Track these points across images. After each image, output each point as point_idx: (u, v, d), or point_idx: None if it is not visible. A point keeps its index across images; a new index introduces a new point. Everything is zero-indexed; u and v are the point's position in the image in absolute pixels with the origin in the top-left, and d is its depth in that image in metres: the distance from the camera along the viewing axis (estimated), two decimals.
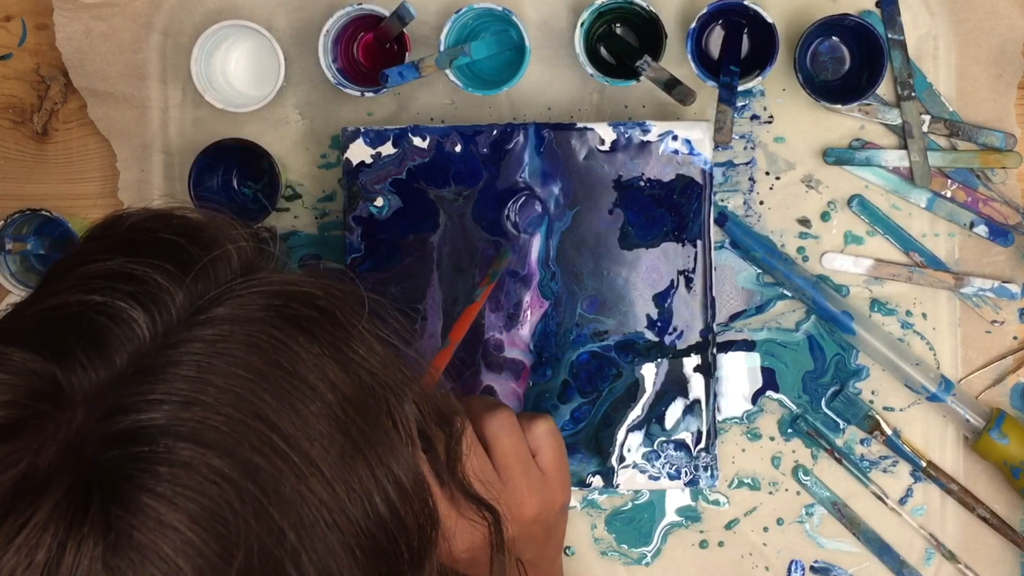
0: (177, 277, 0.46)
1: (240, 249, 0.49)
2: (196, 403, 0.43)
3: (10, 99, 0.90)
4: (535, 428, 0.67)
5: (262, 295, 0.47)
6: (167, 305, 0.45)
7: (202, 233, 0.49)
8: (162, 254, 0.47)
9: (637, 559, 0.87)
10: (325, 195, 0.87)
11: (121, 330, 0.44)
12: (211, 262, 0.47)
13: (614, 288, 0.82)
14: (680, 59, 0.83)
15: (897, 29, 0.84)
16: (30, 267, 0.87)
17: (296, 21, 0.87)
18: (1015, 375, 0.86)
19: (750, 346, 0.86)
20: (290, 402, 0.45)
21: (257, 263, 0.50)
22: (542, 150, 0.81)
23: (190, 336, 0.45)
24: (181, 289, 0.46)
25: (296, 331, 0.47)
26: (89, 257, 0.47)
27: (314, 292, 0.49)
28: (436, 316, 0.81)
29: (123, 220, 0.51)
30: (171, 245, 0.48)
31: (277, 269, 0.50)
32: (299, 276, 0.50)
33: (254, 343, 0.45)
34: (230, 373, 0.44)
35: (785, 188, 0.86)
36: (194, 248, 0.48)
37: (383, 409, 0.49)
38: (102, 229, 0.51)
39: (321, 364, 0.47)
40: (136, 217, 0.51)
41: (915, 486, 0.86)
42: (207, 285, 0.47)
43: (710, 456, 0.82)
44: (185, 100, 0.87)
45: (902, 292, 0.86)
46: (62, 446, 0.41)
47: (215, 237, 0.49)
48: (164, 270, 0.46)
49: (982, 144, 0.85)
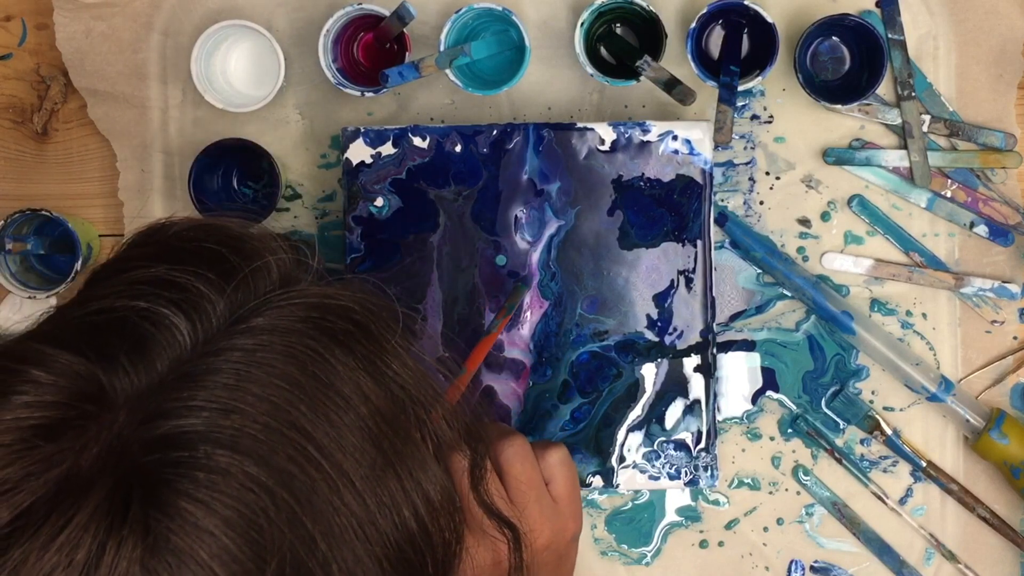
0: (219, 286, 0.47)
1: (280, 261, 0.50)
2: (234, 411, 0.44)
3: (10, 99, 0.90)
4: (549, 457, 0.67)
5: (300, 307, 0.48)
6: (208, 313, 0.46)
7: (244, 244, 0.50)
8: (205, 263, 0.48)
9: (637, 559, 0.87)
10: (325, 195, 0.87)
11: (163, 336, 0.45)
12: (252, 273, 0.48)
13: (614, 288, 0.82)
14: (680, 59, 0.83)
15: (897, 29, 0.84)
16: (30, 267, 0.87)
17: (296, 21, 0.87)
18: (1015, 375, 0.86)
19: (750, 346, 0.86)
20: (325, 413, 0.46)
21: (295, 275, 0.51)
22: (542, 150, 0.81)
23: (230, 345, 0.45)
24: (222, 298, 0.47)
25: (332, 343, 0.48)
26: (133, 263, 0.48)
27: (351, 306, 0.50)
28: (436, 316, 0.81)
29: (167, 228, 0.52)
30: (213, 255, 0.49)
31: (315, 281, 0.51)
32: (336, 289, 0.50)
33: (291, 354, 0.46)
34: (268, 382, 0.45)
35: (785, 188, 0.86)
36: (236, 258, 0.49)
37: (414, 424, 0.50)
38: (146, 236, 0.52)
39: (356, 377, 0.48)
40: (180, 226, 0.52)
41: (915, 486, 0.86)
42: (247, 295, 0.48)
43: (710, 456, 0.82)
44: (185, 100, 0.87)
45: (902, 292, 0.86)
46: (104, 448, 0.42)
47: (256, 248, 0.50)
48: (206, 279, 0.47)
49: (982, 144, 0.85)
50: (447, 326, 0.81)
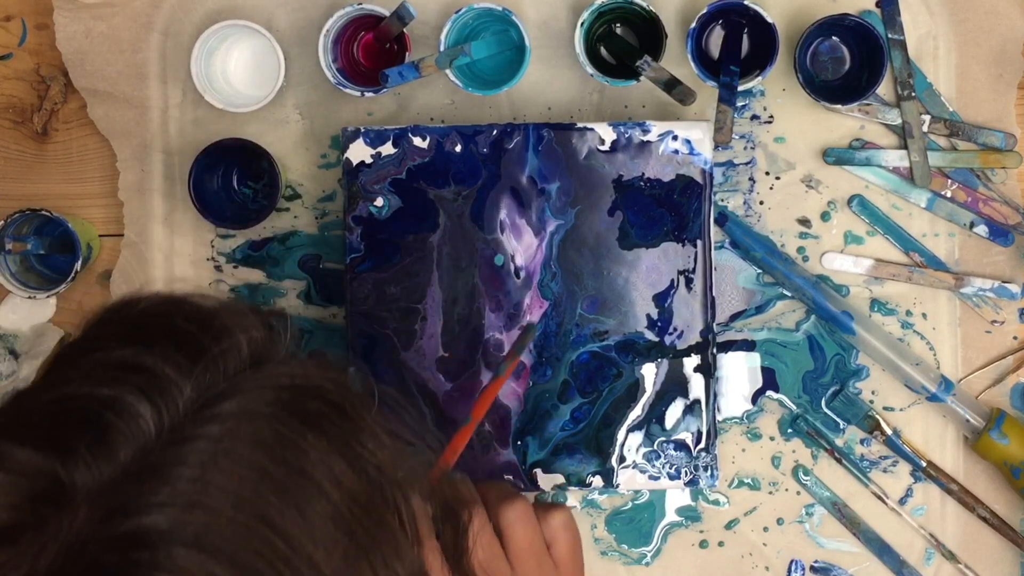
0: (187, 369, 0.45)
1: (251, 338, 0.48)
2: (199, 506, 0.42)
3: (10, 99, 0.90)
4: (551, 519, 0.67)
5: (271, 390, 0.46)
6: (175, 398, 0.44)
7: (214, 321, 0.48)
8: (173, 343, 0.46)
9: (637, 559, 0.87)
10: (325, 195, 0.87)
11: (127, 426, 0.43)
12: (221, 353, 0.46)
13: (614, 288, 0.82)
14: (680, 59, 0.83)
15: (897, 29, 0.84)
16: (30, 267, 0.87)
17: (296, 21, 0.87)
18: (1015, 375, 0.86)
19: (750, 346, 0.86)
20: (295, 502, 0.44)
21: (267, 350, 0.49)
22: (541, 150, 0.81)
23: (196, 433, 0.44)
24: (190, 381, 0.45)
25: (304, 427, 0.46)
26: (100, 343, 0.47)
27: (324, 385, 0.48)
28: (436, 316, 0.81)
29: (135, 304, 0.50)
30: (182, 333, 0.47)
31: (287, 358, 0.50)
32: (308, 369, 0.49)
33: (260, 441, 0.45)
34: (235, 473, 0.43)
35: (785, 188, 0.86)
36: (206, 337, 0.47)
37: (389, 507, 0.48)
38: (113, 313, 0.50)
39: (328, 461, 0.46)
40: (148, 302, 0.50)
41: (915, 486, 0.86)
42: (216, 377, 0.46)
43: (710, 456, 0.82)
44: (185, 100, 0.87)
45: (902, 292, 0.86)
46: (63, 549, 0.40)
47: (226, 326, 0.48)
48: (174, 362, 0.45)
49: (982, 144, 0.85)
50: (447, 326, 0.81)
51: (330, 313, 0.87)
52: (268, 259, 0.88)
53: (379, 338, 0.81)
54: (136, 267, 0.88)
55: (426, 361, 0.82)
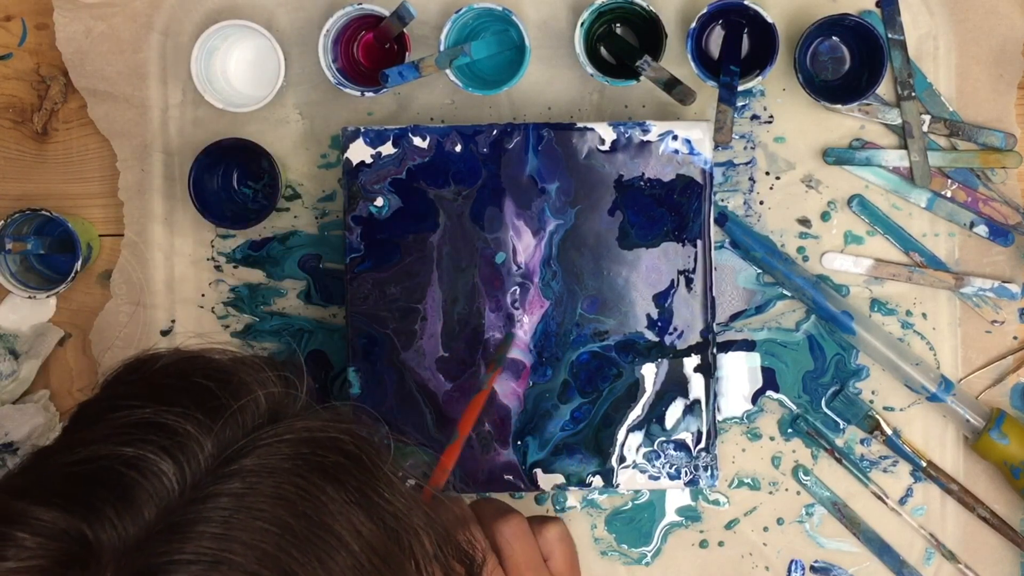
0: (206, 426, 0.46)
1: (268, 393, 0.49)
2: (223, 562, 0.43)
3: (10, 99, 0.90)
4: (546, 533, 0.67)
5: (289, 444, 0.47)
6: (196, 455, 0.45)
7: (232, 377, 0.49)
8: (192, 400, 0.47)
9: (637, 559, 0.87)
10: (325, 195, 0.87)
11: (151, 484, 0.44)
12: (239, 408, 0.47)
13: (614, 288, 0.82)
14: (680, 59, 0.83)
15: (897, 29, 0.84)
16: (30, 267, 0.87)
17: (296, 21, 0.87)
18: (1015, 375, 0.86)
19: (750, 346, 0.86)
20: (316, 555, 0.45)
21: (284, 404, 0.50)
22: (541, 150, 0.81)
23: (218, 490, 0.44)
24: (210, 438, 0.46)
25: (323, 479, 0.47)
26: (120, 402, 0.47)
27: (340, 437, 0.49)
28: (436, 316, 0.81)
29: (153, 361, 0.51)
30: (201, 390, 0.48)
31: (303, 411, 0.50)
32: (325, 421, 0.50)
33: (281, 495, 0.45)
34: (257, 528, 0.44)
35: (785, 188, 0.86)
36: (224, 394, 0.48)
37: (407, 554, 0.49)
38: (131, 371, 0.51)
39: (347, 512, 0.47)
40: (167, 359, 0.51)
41: (915, 486, 0.86)
42: (235, 432, 0.47)
43: (710, 456, 0.82)
44: (185, 100, 0.87)
45: (902, 292, 0.86)
46: None
47: (244, 382, 0.49)
48: (194, 419, 0.46)
49: (982, 144, 0.85)
50: (447, 326, 0.81)
51: (330, 313, 0.87)
52: (268, 259, 0.88)
53: (379, 338, 0.81)
54: (136, 267, 0.88)
55: (426, 361, 0.82)
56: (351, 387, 0.82)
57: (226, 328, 0.88)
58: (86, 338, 0.88)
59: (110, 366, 0.52)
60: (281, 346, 0.87)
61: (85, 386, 0.89)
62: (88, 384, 0.89)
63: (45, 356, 0.88)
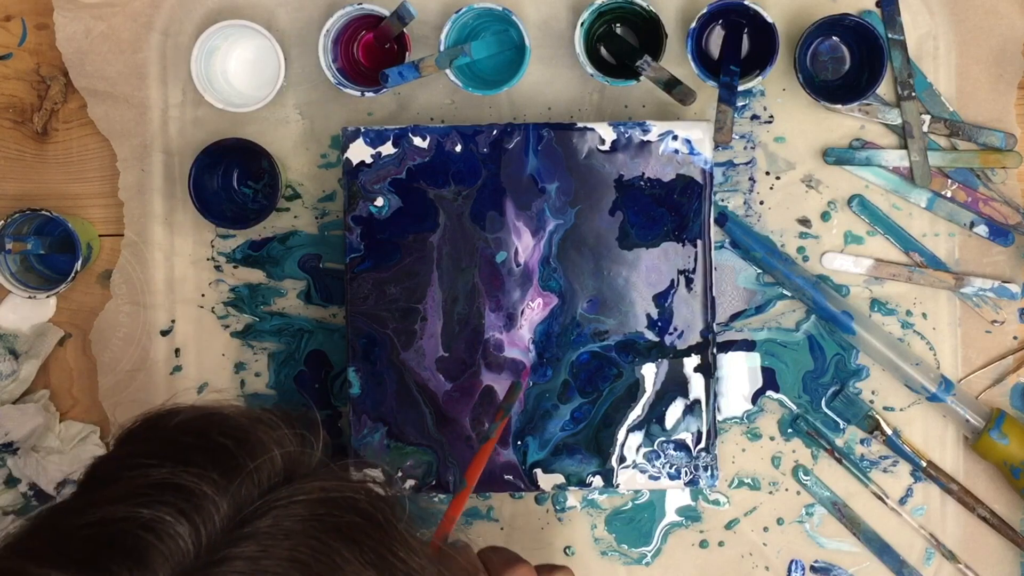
0: (223, 486, 0.46)
1: (285, 452, 0.49)
2: None
3: (10, 99, 0.90)
4: None
5: (304, 505, 0.47)
6: (212, 517, 0.45)
7: (249, 436, 0.49)
8: (209, 459, 0.47)
9: (637, 559, 0.87)
10: (325, 195, 0.87)
11: (166, 546, 0.44)
12: (256, 468, 0.47)
13: (614, 288, 0.82)
14: (680, 59, 0.83)
15: (897, 29, 0.84)
16: (30, 267, 0.87)
17: (296, 21, 0.87)
18: (1015, 375, 0.86)
19: (750, 346, 0.86)
20: None
21: (300, 462, 0.50)
22: (541, 149, 0.81)
23: (232, 553, 0.44)
24: (226, 498, 0.46)
25: (338, 541, 0.47)
26: (137, 460, 0.47)
27: (355, 496, 0.49)
28: (436, 316, 0.81)
29: (170, 418, 0.51)
30: (218, 449, 0.48)
31: (318, 470, 0.50)
32: (340, 481, 0.50)
33: (296, 559, 0.45)
34: None
35: (785, 188, 0.86)
36: (240, 453, 0.48)
37: None
38: (148, 427, 0.51)
39: (362, 573, 0.47)
40: (183, 416, 0.51)
41: (915, 486, 0.86)
42: (251, 492, 0.47)
43: (710, 456, 0.82)
44: (185, 100, 0.87)
45: (902, 292, 0.86)
46: None
47: (261, 440, 0.49)
48: (210, 479, 0.46)
49: (982, 144, 0.85)
50: (447, 326, 0.81)
51: (330, 313, 0.87)
52: (268, 259, 0.88)
53: (379, 338, 0.81)
54: (136, 267, 0.88)
55: (426, 361, 0.82)
56: (351, 387, 0.82)
57: (226, 328, 0.88)
58: (86, 338, 0.88)
59: (125, 421, 0.52)
60: (281, 345, 0.87)
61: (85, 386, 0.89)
62: (88, 384, 0.89)
63: (45, 356, 0.88)
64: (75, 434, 0.88)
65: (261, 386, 0.88)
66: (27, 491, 0.88)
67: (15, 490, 0.88)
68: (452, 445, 0.81)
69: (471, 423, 0.81)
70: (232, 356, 0.88)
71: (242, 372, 0.88)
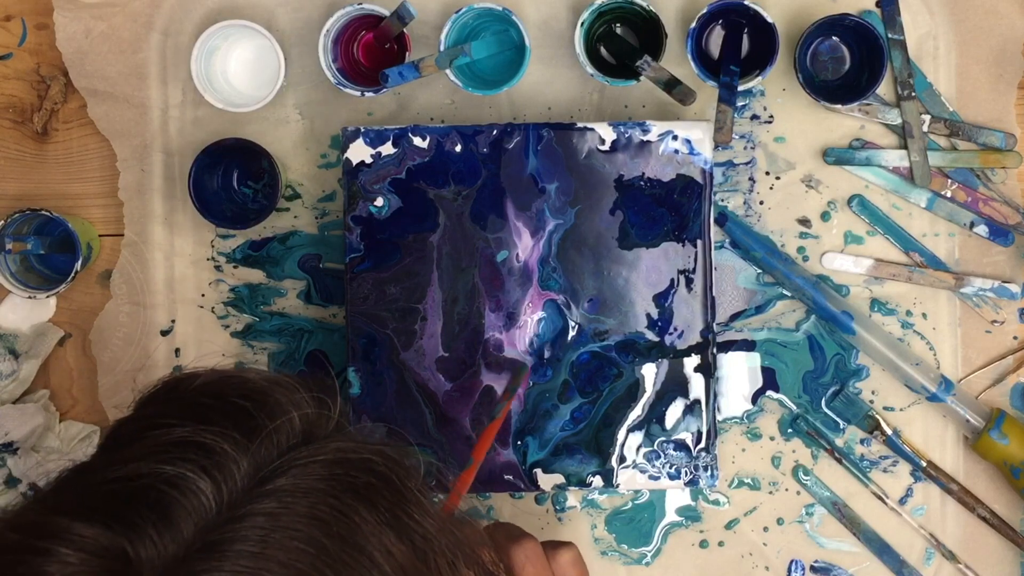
0: (243, 445, 0.47)
1: (303, 414, 0.50)
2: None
3: (10, 99, 0.90)
4: (559, 557, 0.68)
5: (322, 464, 0.48)
6: (233, 474, 0.46)
7: (267, 398, 0.50)
8: (229, 420, 0.48)
9: (637, 559, 0.87)
10: (325, 195, 0.87)
11: (189, 502, 0.44)
12: (275, 429, 0.48)
13: (614, 288, 0.82)
14: (680, 59, 0.83)
15: (897, 29, 0.84)
16: (30, 267, 0.87)
17: (296, 21, 0.87)
18: (1015, 375, 0.86)
19: (750, 346, 0.86)
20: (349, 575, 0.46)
21: (318, 424, 0.50)
22: (541, 149, 0.81)
23: (253, 510, 0.45)
24: (246, 457, 0.46)
25: (355, 500, 0.48)
26: (159, 420, 0.48)
27: (372, 458, 0.50)
28: (436, 316, 0.81)
29: (190, 381, 0.52)
30: (238, 410, 0.49)
31: (336, 433, 0.51)
32: (356, 443, 0.50)
33: (315, 516, 0.46)
34: (292, 548, 0.45)
35: (785, 188, 0.86)
36: (259, 414, 0.48)
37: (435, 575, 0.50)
38: (168, 390, 0.52)
39: (379, 533, 0.47)
40: (203, 379, 0.52)
41: (915, 486, 0.86)
42: (270, 452, 0.48)
43: (710, 456, 0.82)
44: (185, 100, 0.87)
45: (902, 292, 0.86)
46: None
47: (279, 402, 0.50)
48: (231, 438, 0.47)
49: (982, 144, 0.85)
50: (447, 326, 0.81)
51: (330, 313, 0.87)
52: (268, 259, 0.88)
53: (379, 338, 0.81)
54: (136, 267, 0.88)
55: (426, 361, 0.82)
56: (351, 387, 0.82)
57: (226, 328, 0.88)
58: (86, 338, 0.88)
59: (146, 384, 0.53)
60: (281, 345, 0.87)
61: (85, 386, 0.89)
62: (88, 384, 0.89)
63: (45, 356, 0.88)
64: (75, 434, 0.88)
65: None
66: (27, 491, 0.88)
67: (15, 490, 0.88)
68: (452, 445, 0.81)
69: (471, 423, 0.81)
70: (232, 356, 0.88)
71: None
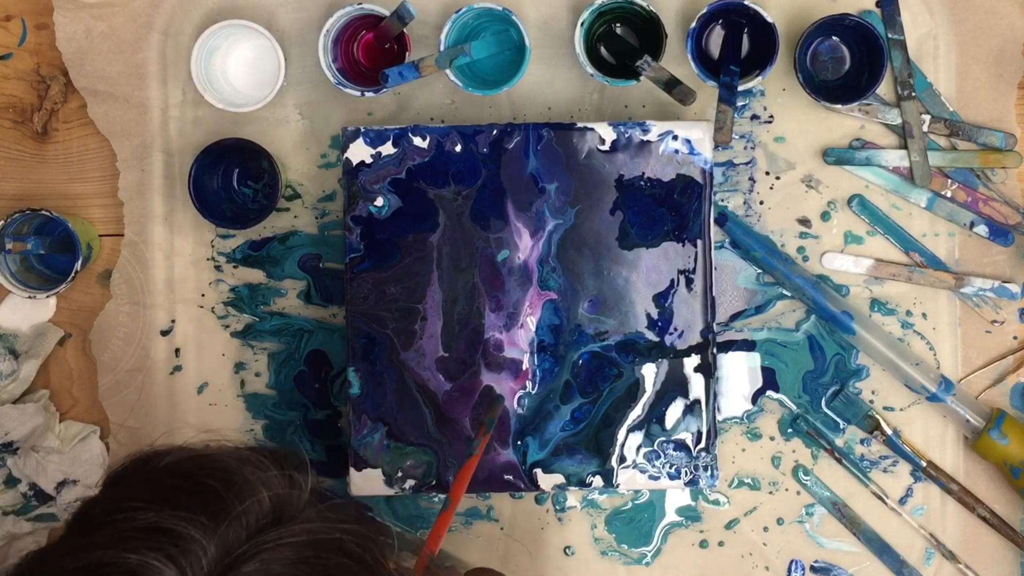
0: (211, 529, 0.46)
1: (273, 494, 0.49)
2: None
3: (10, 99, 0.90)
4: None
5: (292, 547, 0.47)
6: (199, 560, 0.45)
7: (237, 477, 0.49)
8: (197, 501, 0.47)
9: (637, 559, 0.87)
10: (325, 195, 0.87)
11: None
12: (244, 511, 0.47)
13: (615, 288, 0.82)
14: (680, 59, 0.83)
15: (897, 29, 0.84)
16: (30, 267, 0.87)
17: (296, 21, 0.87)
18: (1015, 375, 0.86)
19: (750, 346, 0.86)
20: None
21: (288, 503, 0.50)
22: (541, 149, 0.81)
23: None
24: (214, 542, 0.46)
25: None
26: (125, 504, 0.47)
27: (343, 538, 0.49)
28: (436, 316, 0.81)
29: (158, 459, 0.51)
30: (206, 491, 0.48)
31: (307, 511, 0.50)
32: (327, 523, 0.49)
33: None
34: None
35: (785, 188, 0.86)
36: (228, 495, 0.48)
37: None
38: (136, 470, 0.51)
39: None
40: (172, 458, 0.51)
41: (915, 486, 0.86)
42: (239, 534, 0.47)
43: (710, 456, 0.82)
44: (185, 100, 0.87)
45: (902, 292, 0.86)
46: None
47: (249, 482, 0.49)
48: (198, 523, 0.46)
49: (982, 144, 0.85)
50: (447, 326, 0.81)
51: (330, 313, 0.87)
52: (268, 259, 0.88)
53: (379, 338, 0.81)
54: (136, 267, 0.88)
55: (426, 361, 0.82)
56: (351, 387, 0.82)
57: (226, 328, 0.88)
58: (86, 338, 0.88)
59: (114, 462, 0.52)
60: (281, 345, 0.87)
61: (85, 386, 0.89)
62: (88, 384, 0.89)
63: (45, 356, 0.88)
64: (75, 434, 0.88)
65: (261, 386, 0.88)
66: (27, 491, 0.88)
67: (15, 490, 0.88)
68: (452, 445, 0.81)
69: (471, 423, 0.81)
70: (232, 356, 0.88)
71: (242, 372, 0.88)
